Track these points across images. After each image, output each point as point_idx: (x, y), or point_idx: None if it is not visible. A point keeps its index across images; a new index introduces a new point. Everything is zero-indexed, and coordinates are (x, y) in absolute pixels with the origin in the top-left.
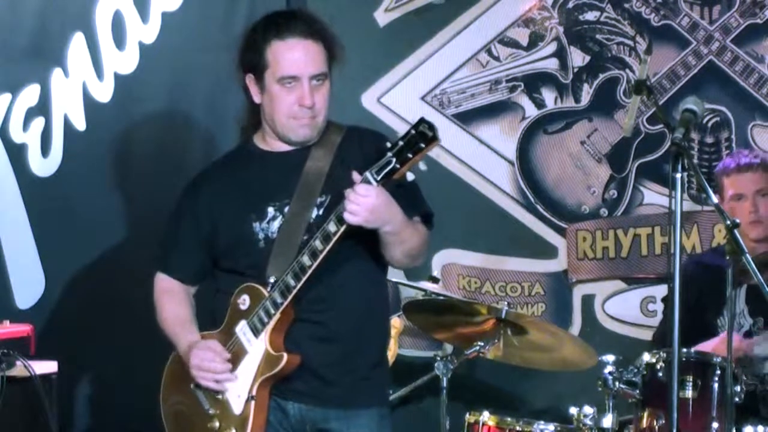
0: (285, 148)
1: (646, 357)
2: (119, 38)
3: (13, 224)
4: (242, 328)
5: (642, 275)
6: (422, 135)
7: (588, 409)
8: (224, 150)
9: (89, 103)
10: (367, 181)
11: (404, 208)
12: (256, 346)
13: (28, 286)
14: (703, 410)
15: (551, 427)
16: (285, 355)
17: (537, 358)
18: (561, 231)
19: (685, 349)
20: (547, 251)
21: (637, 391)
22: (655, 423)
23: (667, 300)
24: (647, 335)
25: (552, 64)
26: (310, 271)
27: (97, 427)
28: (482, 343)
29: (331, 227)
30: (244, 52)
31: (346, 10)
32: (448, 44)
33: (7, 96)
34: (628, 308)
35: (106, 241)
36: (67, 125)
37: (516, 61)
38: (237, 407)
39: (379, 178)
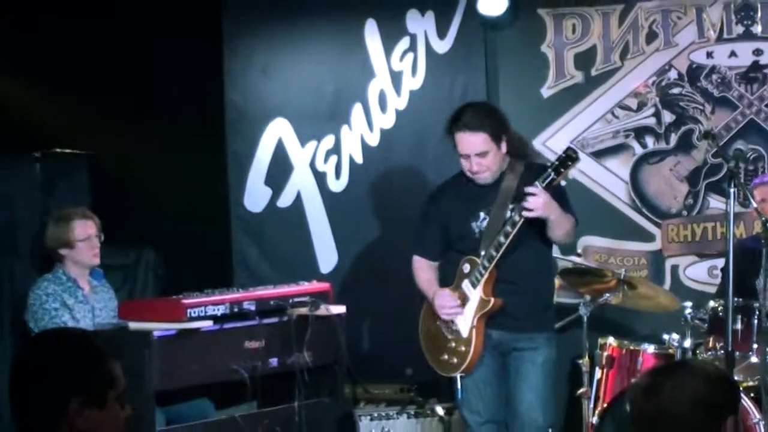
0: None
1: (711, 303)
2: (383, 106)
3: (318, 221)
4: (466, 284)
5: (708, 252)
6: (570, 157)
7: (675, 336)
8: (449, 172)
9: (365, 146)
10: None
11: (559, 202)
12: (474, 295)
13: (327, 258)
14: (747, 337)
15: (651, 347)
16: (492, 299)
17: (643, 303)
18: (657, 225)
19: (735, 299)
20: (649, 237)
21: (706, 324)
22: (717, 345)
23: (724, 269)
24: (712, 290)
25: (652, 121)
26: (504, 246)
27: (369, 350)
28: (608, 295)
29: (516, 218)
30: (446, 134)
31: (523, 87)
32: (587, 109)
33: (314, 142)
34: (700, 273)
35: (377, 232)
36: (352, 160)
37: (629, 119)
38: (465, 332)
39: (543, 185)
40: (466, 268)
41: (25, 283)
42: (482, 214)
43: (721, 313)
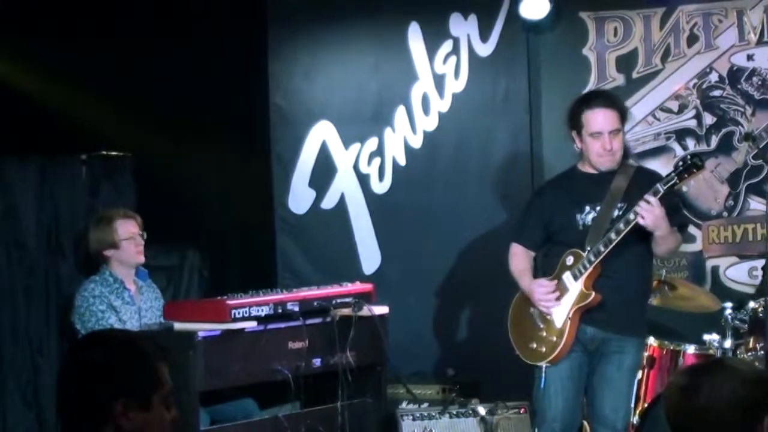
0: (597, 171)
1: (752, 304)
2: (426, 109)
3: (361, 222)
4: (567, 276)
5: (749, 253)
6: (695, 164)
7: (715, 336)
8: (491, 173)
9: (408, 149)
10: (656, 190)
11: (671, 214)
12: (575, 287)
13: (370, 260)
14: None
15: (692, 347)
16: (593, 293)
17: (684, 304)
18: (698, 226)
19: None
20: (690, 238)
21: (746, 325)
22: (757, 345)
23: (765, 269)
24: (752, 290)
25: (693, 123)
26: (613, 244)
27: (411, 350)
28: (650, 296)
29: (631, 216)
30: (569, 119)
31: (565, 90)
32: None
33: (358, 144)
34: (740, 274)
35: (419, 234)
36: (395, 162)
37: (670, 121)
38: (559, 323)
39: (665, 188)
40: (570, 260)
41: (71, 286)
42: (588, 208)
43: (761, 314)
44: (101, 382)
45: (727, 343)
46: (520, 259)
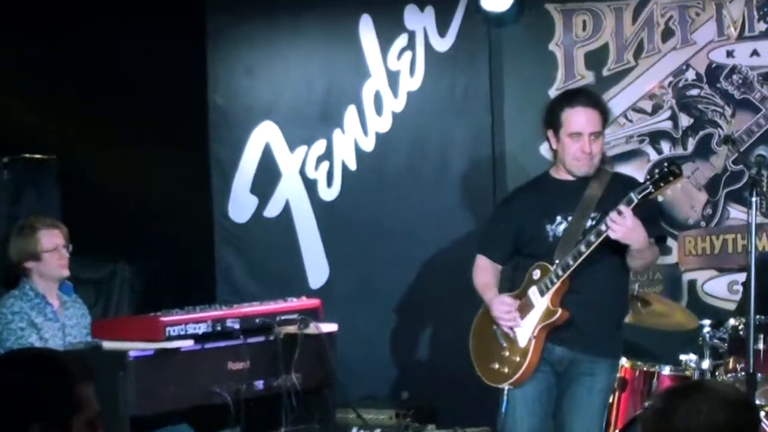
0: (571, 178)
1: (732, 321)
2: (378, 108)
3: (307, 232)
4: (533, 291)
5: (729, 266)
6: (672, 171)
7: (692, 356)
8: (449, 178)
9: (359, 152)
10: (630, 199)
11: (647, 226)
12: (541, 303)
13: (318, 273)
14: None
15: (667, 368)
16: (560, 310)
17: (658, 322)
18: (674, 236)
19: (758, 316)
20: (665, 250)
21: (726, 344)
22: (738, 366)
23: (746, 283)
24: (732, 307)
25: (668, 125)
26: (582, 257)
27: (363, 372)
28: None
29: (603, 227)
30: (546, 116)
31: (530, 89)
32: None
33: (304, 147)
34: (720, 288)
35: (372, 245)
36: (344, 167)
37: (644, 123)
38: (523, 342)
39: (639, 197)
40: (536, 274)
41: None
42: (559, 218)
43: (742, 332)
44: (17, 404)
45: (705, 364)
46: (485, 272)
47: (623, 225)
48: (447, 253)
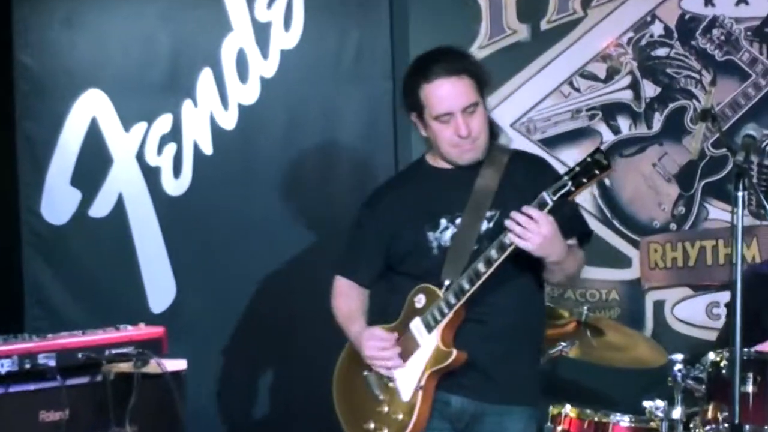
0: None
1: (711, 356)
2: (243, 73)
3: (147, 238)
4: (416, 324)
5: (707, 283)
6: (597, 163)
7: (659, 403)
8: (335, 168)
9: (216, 131)
10: (543, 201)
11: (565, 225)
12: (428, 341)
13: (161, 292)
14: (762, 403)
15: (626, 418)
16: (454, 351)
17: (613, 356)
18: (635, 243)
19: (746, 349)
20: (623, 261)
21: (703, 386)
22: (719, 415)
23: (730, 305)
24: (712, 336)
25: (627, 95)
26: (484, 277)
27: (223, 420)
28: (564, 344)
29: (506, 241)
30: (404, 97)
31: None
32: (533, 78)
33: (144, 124)
34: (695, 312)
35: (229, 253)
36: (197, 150)
37: (595, 93)
38: (406, 394)
39: (555, 198)
40: (420, 300)
41: None
42: (444, 221)
43: (725, 370)
44: None
45: (677, 413)
46: (347, 300)
47: (537, 233)
48: (333, 262)
